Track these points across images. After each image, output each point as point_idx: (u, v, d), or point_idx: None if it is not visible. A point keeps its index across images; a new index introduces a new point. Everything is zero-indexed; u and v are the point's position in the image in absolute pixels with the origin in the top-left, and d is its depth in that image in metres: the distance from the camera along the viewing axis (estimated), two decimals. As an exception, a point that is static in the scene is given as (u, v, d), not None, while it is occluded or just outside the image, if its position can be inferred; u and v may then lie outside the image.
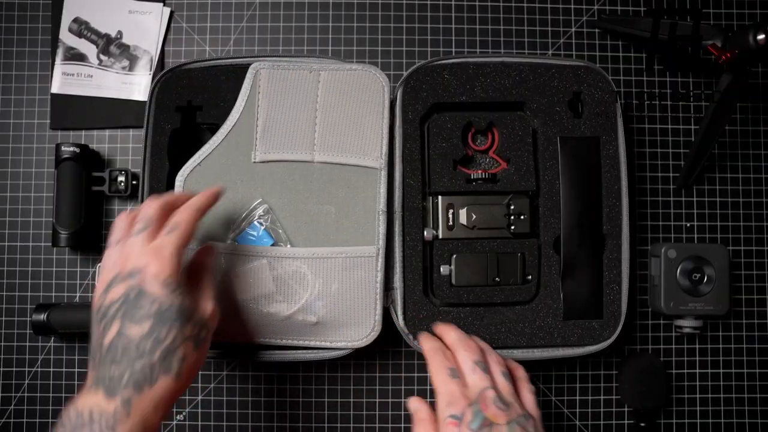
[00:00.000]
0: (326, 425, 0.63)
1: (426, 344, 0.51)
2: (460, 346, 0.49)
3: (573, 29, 0.66)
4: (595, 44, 0.66)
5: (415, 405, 0.48)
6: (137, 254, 0.42)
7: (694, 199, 0.66)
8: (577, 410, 0.64)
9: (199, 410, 0.63)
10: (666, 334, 0.64)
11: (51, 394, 0.62)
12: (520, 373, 0.50)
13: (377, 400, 0.63)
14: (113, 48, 0.65)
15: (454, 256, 0.58)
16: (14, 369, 0.62)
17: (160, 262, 0.42)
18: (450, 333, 0.51)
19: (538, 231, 0.59)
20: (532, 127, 0.60)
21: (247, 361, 0.62)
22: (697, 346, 0.64)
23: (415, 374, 0.63)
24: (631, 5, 0.67)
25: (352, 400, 0.63)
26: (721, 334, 0.65)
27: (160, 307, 0.41)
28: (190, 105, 0.60)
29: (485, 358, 0.48)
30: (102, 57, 0.65)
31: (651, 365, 0.63)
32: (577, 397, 0.64)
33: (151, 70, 0.65)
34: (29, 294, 0.63)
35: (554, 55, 0.66)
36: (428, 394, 0.63)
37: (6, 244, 0.64)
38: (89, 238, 0.62)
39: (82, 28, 0.65)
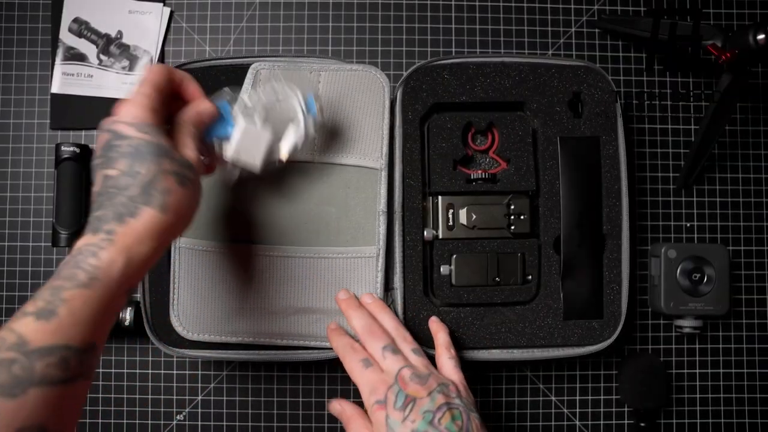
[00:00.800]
0: (326, 425, 0.63)
1: (335, 342, 0.52)
2: (366, 335, 0.50)
3: (573, 29, 0.66)
4: (595, 44, 0.66)
5: (337, 407, 0.51)
6: (116, 109, 0.43)
7: (694, 199, 0.66)
8: (577, 410, 0.64)
9: (199, 410, 0.63)
10: (666, 334, 0.64)
11: (51, 394, 0.62)
12: (441, 338, 0.54)
13: (377, 400, 0.63)
14: (113, 48, 0.65)
15: (454, 256, 0.58)
16: (14, 369, 0.62)
17: (130, 106, 0.41)
18: (353, 322, 0.52)
19: (538, 231, 0.59)
20: (532, 127, 0.60)
21: (247, 362, 0.62)
22: (697, 346, 0.65)
23: (415, 374, 0.63)
24: (631, 5, 0.67)
25: (352, 400, 0.63)
26: (721, 334, 0.65)
27: (133, 146, 0.40)
28: (190, 105, 0.60)
29: (393, 340, 0.50)
30: (102, 57, 0.65)
31: (651, 365, 0.63)
32: (577, 397, 0.64)
33: (151, 70, 0.65)
34: (29, 294, 0.63)
35: (554, 55, 0.66)
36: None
37: (6, 244, 0.64)
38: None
39: (82, 28, 0.65)
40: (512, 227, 0.59)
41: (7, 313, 0.63)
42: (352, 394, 0.63)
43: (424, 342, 0.56)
